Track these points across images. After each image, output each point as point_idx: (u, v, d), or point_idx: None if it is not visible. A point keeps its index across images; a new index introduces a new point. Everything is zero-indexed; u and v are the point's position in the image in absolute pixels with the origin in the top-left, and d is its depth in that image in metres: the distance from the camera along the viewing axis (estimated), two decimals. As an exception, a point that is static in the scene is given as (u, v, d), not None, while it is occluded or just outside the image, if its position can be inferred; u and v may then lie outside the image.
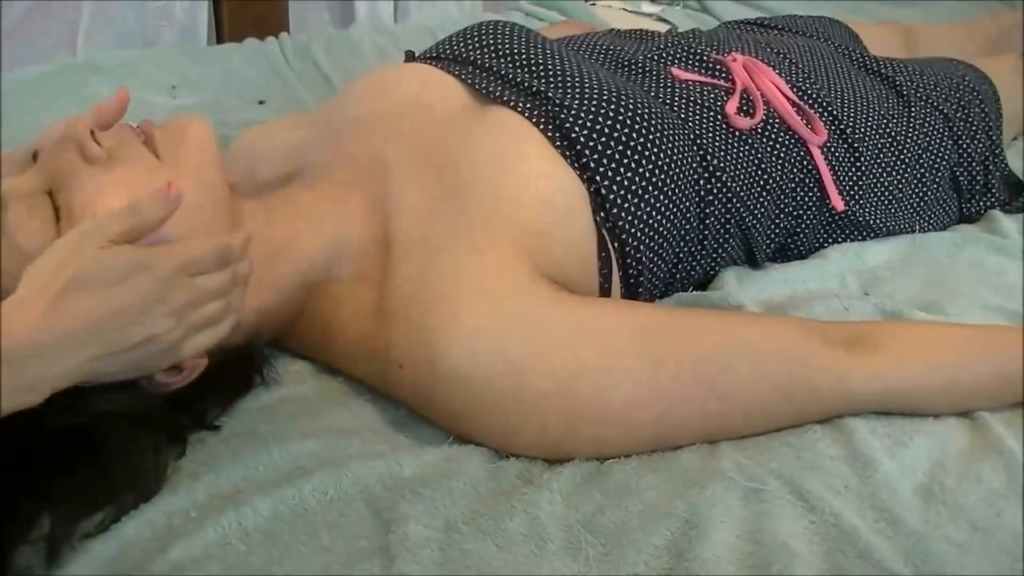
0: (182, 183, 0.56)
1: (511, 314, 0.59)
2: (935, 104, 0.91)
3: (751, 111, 0.80)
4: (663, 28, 1.22)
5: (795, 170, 0.81)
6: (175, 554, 0.53)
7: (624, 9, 1.49)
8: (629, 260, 0.68)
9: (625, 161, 0.67)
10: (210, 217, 0.59)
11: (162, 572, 0.52)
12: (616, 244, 0.67)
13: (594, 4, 1.55)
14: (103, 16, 1.38)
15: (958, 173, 0.91)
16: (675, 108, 0.77)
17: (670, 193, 0.69)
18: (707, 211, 0.74)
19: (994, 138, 0.94)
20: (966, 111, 0.93)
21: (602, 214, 0.67)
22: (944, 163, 0.90)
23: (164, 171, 0.58)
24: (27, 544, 0.53)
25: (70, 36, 1.38)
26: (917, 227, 0.89)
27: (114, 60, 1.20)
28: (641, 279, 0.69)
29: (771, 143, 0.80)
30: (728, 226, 0.76)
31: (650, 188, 0.68)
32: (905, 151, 0.88)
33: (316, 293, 0.67)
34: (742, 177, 0.77)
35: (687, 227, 0.73)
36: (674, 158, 0.70)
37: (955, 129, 0.91)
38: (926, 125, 0.90)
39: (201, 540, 0.53)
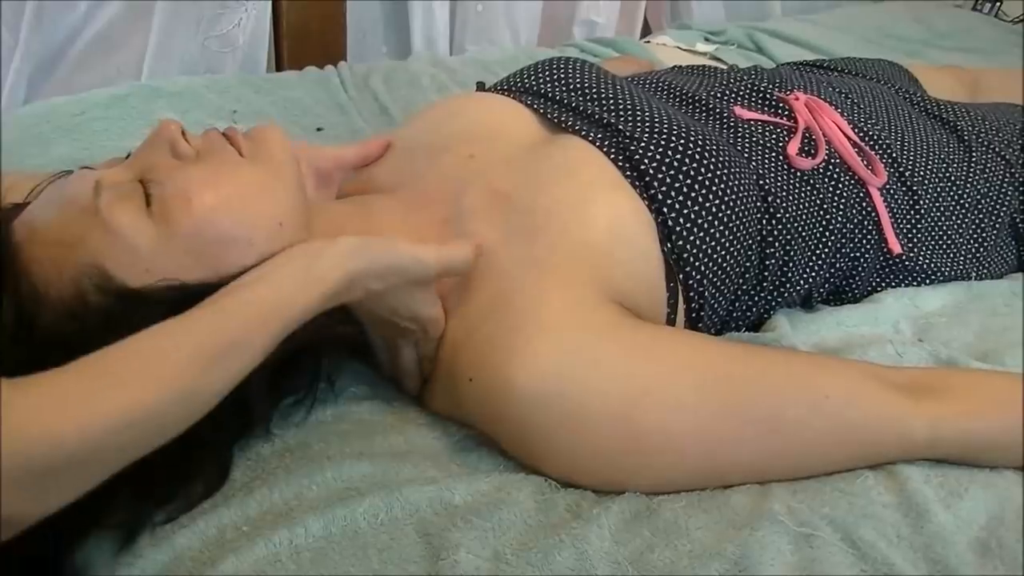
0: (266, 178, 0.61)
1: (580, 340, 0.60)
2: (997, 149, 0.91)
3: (812, 151, 0.81)
4: (719, 67, 1.22)
5: (854, 211, 0.80)
6: (226, 568, 0.53)
7: (679, 47, 1.50)
8: (692, 294, 0.68)
9: (692, 195, 0.68)
10: (289, 209, 0.62)
11: (212, 586, 0.52)
12: (681, 276, 0.68)
13: (648, 42, 1.57)
14: (168, 44, 1.42)
15: (1018, 220, 0.90)
16: (738, 147, 0.78)
17: (734, 229, 0.70)
18: (767, 251, 0.74)
19: (1057, 185, 0.92)
20: (1029, 157, 0.91)
21: (668, 245, 0.67)
22: (1004, 209, 0.89)
23: (249, 167, 0.61)
24: (99, 532, 0.55)
25: (136, 63, 1.42)
26: (973, 274, 0.88)
27: (178, 85, 1.23)
28: (702, 314, 0.70)
29: (832, 184, 0.80)
30: (786, 268, 0.76)
31: (715, 223, 0.68)
32: (965, 196, 0.87)
33: None
34: (803, 218, 0.77)
35: (747, 264, 0.73)
36: (740, 195, 0.70)
37: (1017, 175, 0.90)
38: (987, 170, 0.89)
39: (252, 556, 0.54)
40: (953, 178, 0.87)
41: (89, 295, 0.56)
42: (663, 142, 0.69)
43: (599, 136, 0.71)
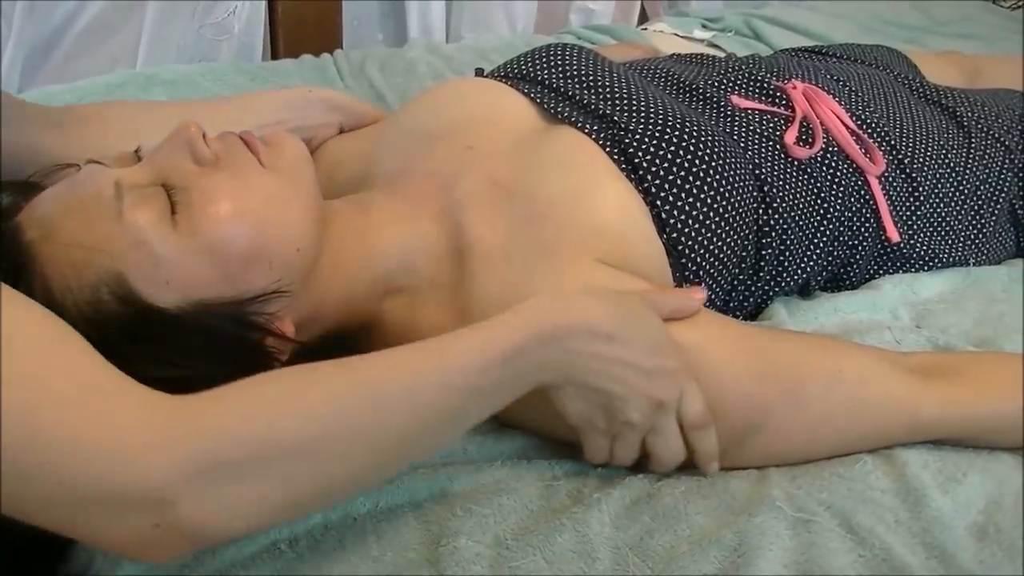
0: (287, 192, 0.61)
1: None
2: (996, 135, 0.90)
3: (810, 140, 0.80)
4: (717, 55, 1.22)
5: (852, 200, 0.80)
6: (225, 555, 0.53)
7: (676, 35, 1.49)
8: (687, 284, 0.68)
9: (687, 187, 0.68)
10: (311, 217, 0.62)
11: (212, 573, 0.52)
12: (676, 267, 0.68)
13: (645, 29, 1.56)
14: (163, 31, 1.42)
15: (1017, 206, 0.90)
16: (735, 136, 0.78)
17: (729, 219, 0.69)
18: (763, 240, 0.74)
19: (1057, 171, 0.92)
20: (1029, 143, 0.91)
21: (663, 236, 0.67)
22: (1003, 195, 0.89)
23: (271, 179, 0.61)
24: None
25: (131, 50, 1.41)
26: (971, 260, 0.88)
27: (174, 73, 1.22)
28: (697, 305, 0.69)
29: (830, 172, 0.80)
30: (783, 256, 0.76)
31: (710, 214, 0.68)
32: (964, 182, 0.87)
33: (393, 298, 0.68)
34: (800, 206, 0.77)
35: (744, 254, 0.73)
36: (735, 185, 0.70)
37: (1016, 161, 0.90)
38: (986, 156, 0.88)
39: (251, 543, 0.54)
40: (952, 165, 0.87)
41: (105, 303, 0.55)
42: (657, 133, 0.69)
43: (594, 128, 0.71)
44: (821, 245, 0.79)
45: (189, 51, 1.44)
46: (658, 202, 0.67)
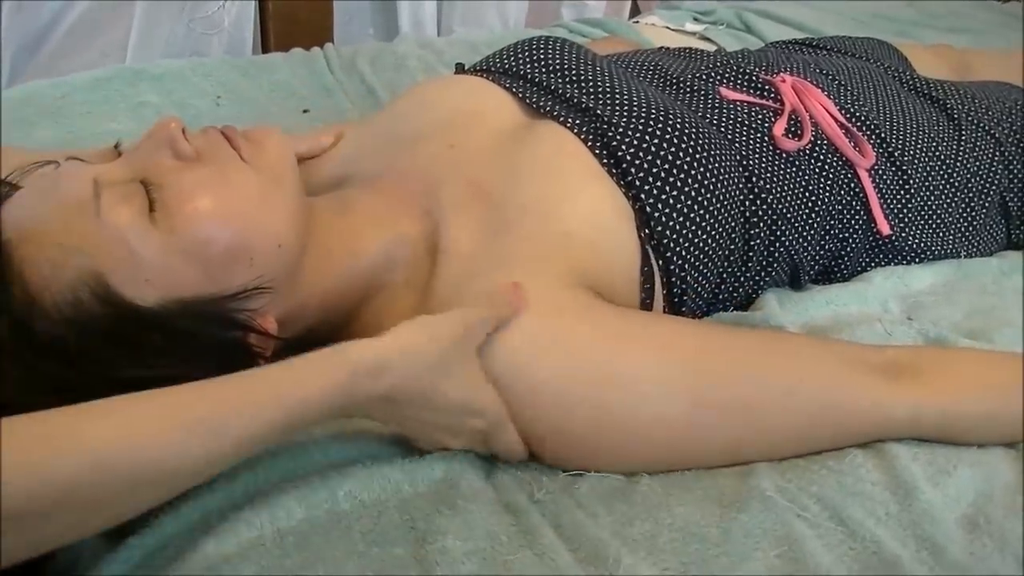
0: (268, 188, 0.60)
1: (552, 329, 0.60)
2: (986, 128, 0.90)
3: (799, 132, 0.80)
4: (708, 47, 1.22)
5: (842, 192, 0.80)
6: (211, 552, 0.53)
7: (668, 28, 1.49)
8: (673, 279, 0.68)
9: (671, 180, 0.67)
10: (288, 227, 0.61)
11: (197, 570, 0.52)
12: (660, 262, 0.68)
13: (637, 22, 1.56)
14: (152, 26, 1.41)
15: (1008, 199, 0.90)
16: (722, 129, 0.77)
17: (715, 212, 0.69)
18: (752, 232, 0.74)
19: (1047, 163, 0.92)
20: (1019, 136, 0.91)
21: (647, 231, 0.67)
22: (994, 188, 0.89)
23: (252, 175, 0.60)
24: None
25: (120, 45, 1.40)
26: (963, 252, 0.88)
27: (162, 68, 1.22)
28: (684, 298, 0.69)
29: (818, 165, 0.80)
30: (772, 248, 0.76)
31: (695, 207, 0.68)
32: (954, 175, 0.87)
33: (372, 296, 0.68)
34: (788, 199, 0.76)
35: (731, 247, 0.72)
36: (720, 178, 0.70)
37: (1006, 153, 0.90)
38: (976, 149, 0.88)
39: (236, 540, 0.54)
40: (943, 157, 0.87)
41: (85, 303, 0.54)
42: (640, 127, 0.69)
43: (577, 122, 0.71)
44: (810, 237, 0.78)
45: (178, 46, 1.44)
46: (642, 195, 0.67)
